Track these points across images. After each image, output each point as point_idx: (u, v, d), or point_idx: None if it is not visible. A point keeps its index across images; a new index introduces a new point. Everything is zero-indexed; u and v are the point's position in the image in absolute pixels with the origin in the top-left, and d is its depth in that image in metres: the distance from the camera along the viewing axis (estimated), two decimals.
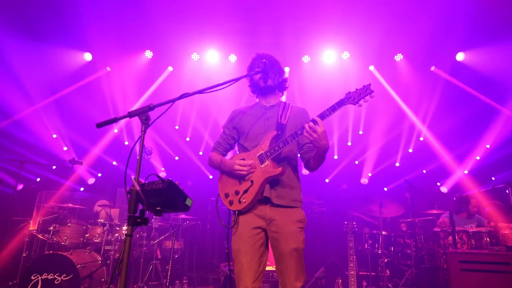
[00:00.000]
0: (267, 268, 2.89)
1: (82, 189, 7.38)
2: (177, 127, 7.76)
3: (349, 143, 7.83)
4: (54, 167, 6.38)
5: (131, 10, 5.89)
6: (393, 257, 5.41)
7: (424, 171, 7.60)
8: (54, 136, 7.14)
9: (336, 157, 7.89)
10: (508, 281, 3.44)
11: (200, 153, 7.86)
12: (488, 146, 7.16)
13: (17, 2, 5.61)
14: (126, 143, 7.73)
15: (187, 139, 7.87)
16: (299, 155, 2.59)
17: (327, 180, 7.89)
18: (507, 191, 4.30)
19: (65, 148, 7.23)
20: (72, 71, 6.83)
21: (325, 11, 5.79)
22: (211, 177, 7.70)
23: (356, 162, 7.95)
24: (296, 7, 5.83)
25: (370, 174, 7.80)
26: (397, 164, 7.74)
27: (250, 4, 5.78)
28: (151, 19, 6.06)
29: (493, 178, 6.97)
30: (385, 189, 7.71)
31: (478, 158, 7.27)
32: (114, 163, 7.75)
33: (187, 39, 6.55)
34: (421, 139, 7.61)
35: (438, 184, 7.58)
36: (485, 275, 3.57)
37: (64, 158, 6.19)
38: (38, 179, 7.04)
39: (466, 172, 7.33)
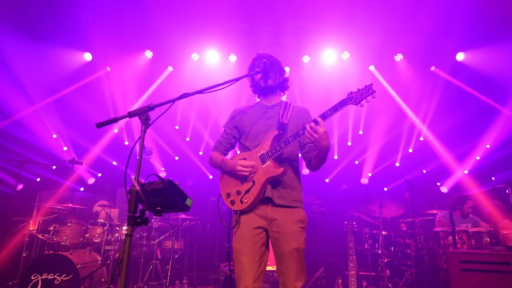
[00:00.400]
0: (268, 268, 2.88)
1: (82, 189, 7.39)
2: (177, 127, 7.76)
3: (349, 143, 7.84)
4: (54, 167, 6.37)
5: (131, 10, 5.89)
6: (393, 257, 5.42)
7: (424, 171, 7.60)
8: (54, 136, 7.14)
9: (336, 157, 7.89)
10: (508, 281, 3.43)
11: (200, 153, 7.85)
12: (488, 146, 7.16)
13: (17, 2, 5.61)
14: (126, 143, 7.73)
15: (187, 139, 7.87)
16: (300, 154, 2.58)
17: (327, 180, 7.89)
18: (507, 191, 4.30)
19: (65, 148, 7.23)
20: (72, 71, 6.82)
21: (325, 11, 5.79)
22: (211, 177, 7.70)
23: (356, 162, 7.95)
24: (296, 7, 5.83)
25: (370, 174, 7.80)
26: (397, 164, 7.74)
27: (250, 4, 5.77)
28: (151, 19, 6.05)
29: (493, 178, 6.97)
30: (385, 189, 7.71)
31: (478, 158, 7.28)
32: (114, 163, 7.75)
33: (187, 39, 6.55)
34: (421, 139, 7.61)
35: (438, 184, 7.58)
36: (485, 275, 3.57)
37: (64, 158, 6.19)
38: (38, 179, 7.04)
39: (466, 172, 7.33)
